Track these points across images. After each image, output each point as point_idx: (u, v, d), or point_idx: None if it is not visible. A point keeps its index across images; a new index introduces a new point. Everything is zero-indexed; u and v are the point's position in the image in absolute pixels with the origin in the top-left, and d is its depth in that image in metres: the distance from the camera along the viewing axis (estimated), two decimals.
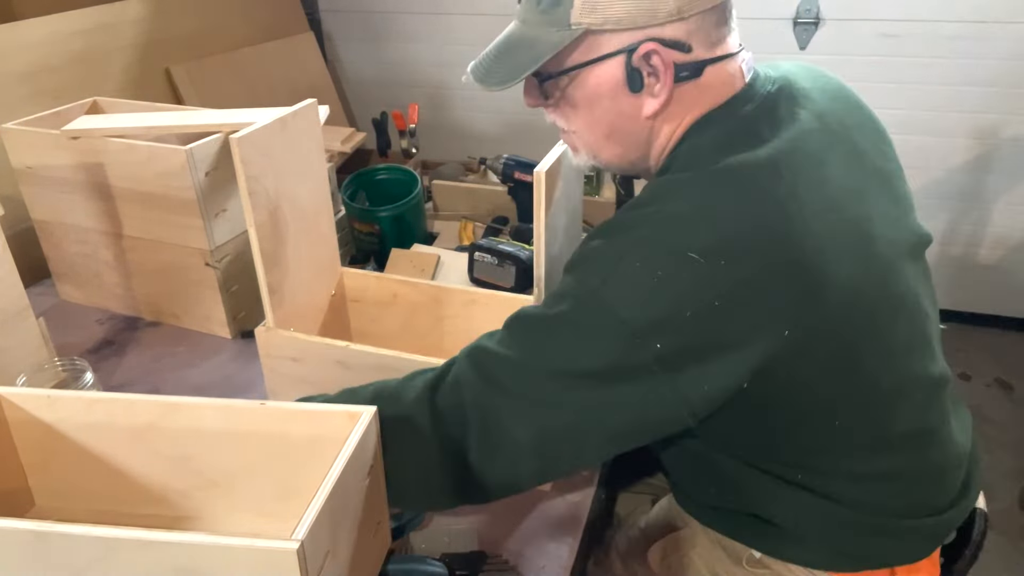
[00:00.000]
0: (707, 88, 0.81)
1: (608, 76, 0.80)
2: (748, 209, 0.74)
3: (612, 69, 0.79)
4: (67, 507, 0.89)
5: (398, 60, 2.53)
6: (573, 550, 0.95)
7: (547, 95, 0.86)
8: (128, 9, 1.87)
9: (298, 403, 0.82)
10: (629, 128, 0.84)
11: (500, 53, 0.86)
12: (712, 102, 0.82)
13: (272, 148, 0.97)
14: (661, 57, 0.77)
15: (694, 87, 0.80)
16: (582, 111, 0.84)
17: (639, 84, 0.79)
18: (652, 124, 0.83)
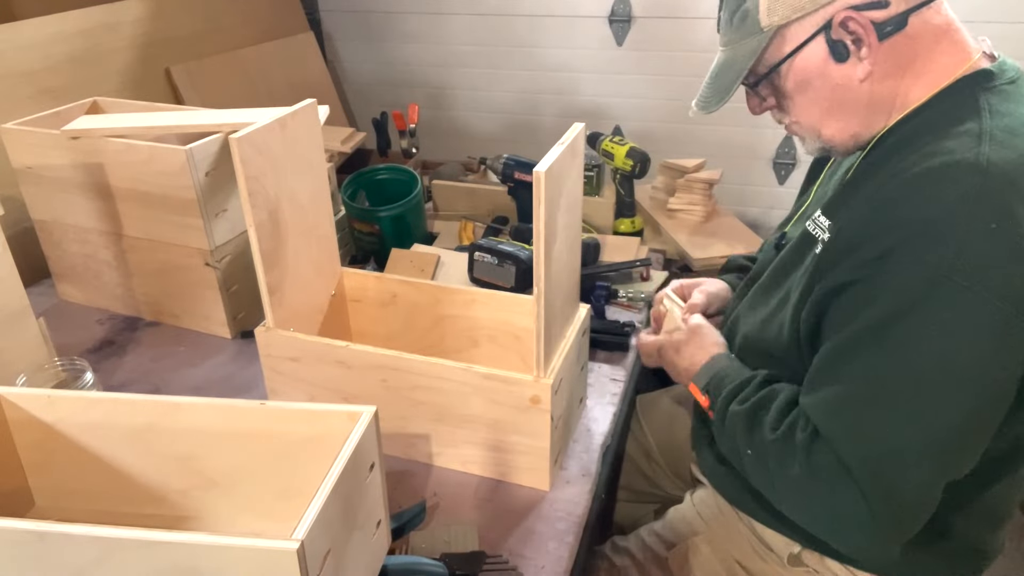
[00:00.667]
0: (919, 39, 0.82)
1: (812, 57, 0.84)
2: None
3: (814, 50, 0.84)
4: (67, 507, 0.89)
5: (398, 60, 2.53)
6: (573, 550, 0.95)
7: (764, 97, 0.93)
8: (128, 9, 1.87)
9: (298, 403, 0.82)
10: (847, 98, 0.86)
11: (712, 80, 0.93)
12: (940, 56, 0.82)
13: (272, 148, 0.97)
14: (857, 20, 0.80)
15: (904, 39, 0.81)
16: (797, 98, 0.89)
17: (844, 53, 0.82)
18: (871, 87, 0.84)
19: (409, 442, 1.06)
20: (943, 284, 0.72)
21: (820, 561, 0.98)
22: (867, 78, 0.83)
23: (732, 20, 0.88)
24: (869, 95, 0.85)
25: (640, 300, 1.45)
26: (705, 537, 1.09)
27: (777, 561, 1.02)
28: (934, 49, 0.83)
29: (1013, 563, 1.86)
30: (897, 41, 0.82)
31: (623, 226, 1.71)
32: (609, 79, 2.33)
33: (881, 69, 0.83)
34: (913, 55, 0.83)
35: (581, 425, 1.16)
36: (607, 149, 1.67)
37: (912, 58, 0.83)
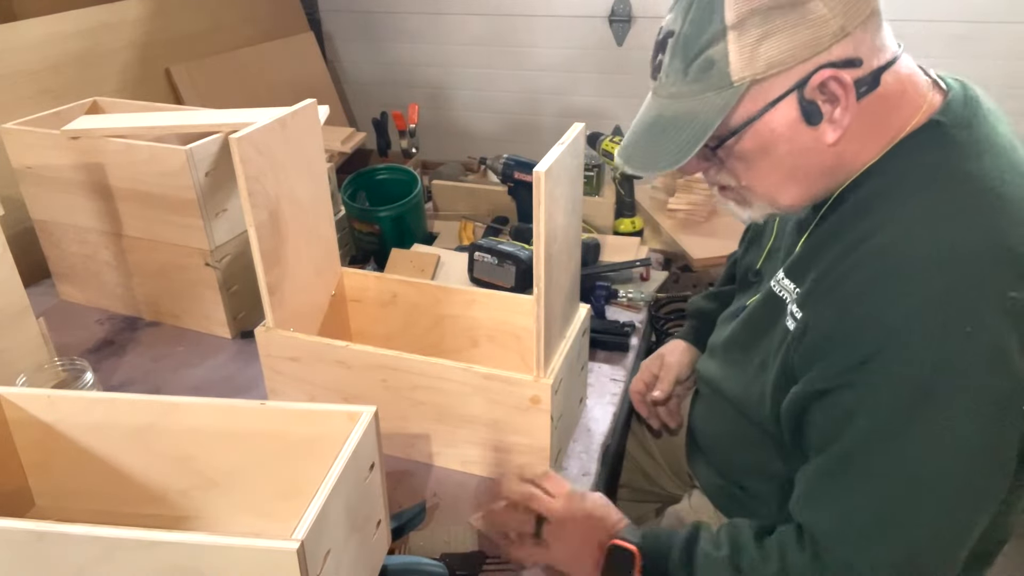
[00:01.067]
0: (887, 97, 0.77)
1: (782, 118, 0.76)
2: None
3: (785, 110, 0.75)
4: (67, 507, 0.89)
5: (398, 60, 2.53)
6: None
7: (711, 159, 0.82)
8: (128, 9, 1.87)
9: (298, 403, 0.82)
10: (812, 163, 0.79)
11: (655, 135, 0.80)
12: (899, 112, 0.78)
13: (272, 148, 0.97)
14: (839, 80, 0.73)
15: (875, 98, 0.76)
16: (756, 162, 0.79)
17: (818, 116, 0.75)
18: (837, 150, 0.78)
19: (409, 442, 1.06)
20: (931, 391, 0.70)
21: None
22: (837, 142, 0.76)
23: (687, 69, 0.76)
24: (835, 158, 0.79)
25: (640, 300, 1.45)
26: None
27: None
28: (898, 105, 0.78)
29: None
30: (870, 101, 0.76)
31: (623, 226, 1.71)
32: (609, 79, 2.33)
33: (851, 131, 0.77)
34: (881, 114, 0.78)
35: (581, 425, 1.16)
36: (607, 149, 1.67)
37: (881, 117, 0.78)
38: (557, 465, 1.05)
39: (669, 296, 1.53)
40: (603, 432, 1.14)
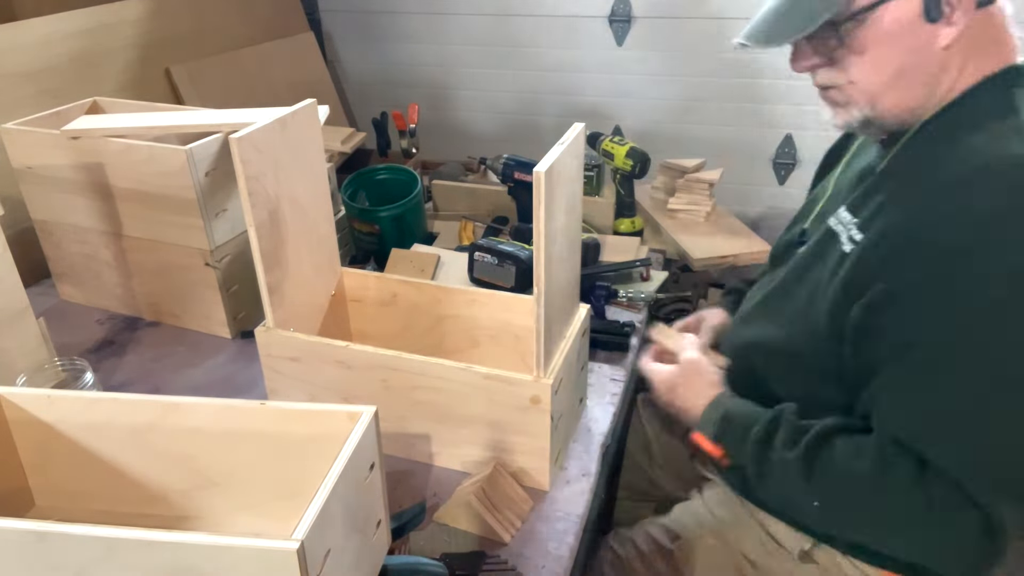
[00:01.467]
0: (993, 22, 0.79)
1: (904, 9, 0.78)
2: None
3: (908, 2, 0.77)
4: (67, 507, 0.89)
5: (398, 60, 2.53)
6: (573, 550, 0.95)
7: (824, 50, 0.83)
8: (128, 9, 1.87)
9: (298, 403, 0.82)
10: (921, 65, 0.80)
11: (783, 14, 0.81)
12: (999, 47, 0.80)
13: (272, 148, 0.97)
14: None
15: (987, 17, 0.79)
16: (870, 55, 0.80)
17: (938, 11, 0.76)
18: (944, 57, 0.80)
19: (409, 442, 1.06)
20: (1017, 285, 0.71)
21: (831, 558, 0.97)
22: (949, 46, 0.79)
23: None
24: (942, 66, 0.80)
25: (640, 300, 1.45)
26: (712, 531, 1.08)
27: (787, 557, 1.01)
28: (999, 37, 0.81)
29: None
30: (984, 16, 0.78)
31: (623, 226, 1.71)
32: (609, 79, 2.33)
33: (963, 41, 0.79)
34: (987, 37, 0.80)
35: (581, 425, 1.16)
36: (607, 149, 1.67)
37: (985, 40, 0.80)
38: (557, 465, 1.05)
39: (669, 296, 1.53)
40: (603, 432, 1.14)
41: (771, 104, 2.13)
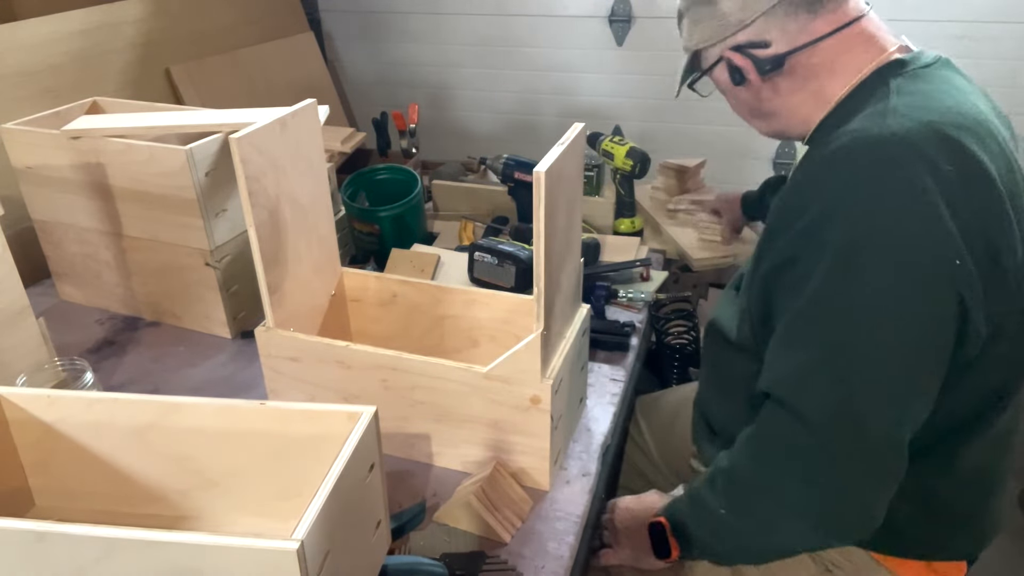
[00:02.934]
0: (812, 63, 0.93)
1: (721, 76, 1.01)
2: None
3: (721, 72, 1.01)
4: (67, 507, 0.89)
5: (398, 60, 2.53)
6: (573, 550, 0.95)
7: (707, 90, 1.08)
8: (128, 9, 1.87)
9: (298, 403, 0.82)
10: (757, 108, 1.01)
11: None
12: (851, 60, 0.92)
13: (272, 148, 0.97)
14: (735, 60, 0.96)
15: (795, 66, 0.94)
16: (728, 99, 1.05)
17: (740, 78, 0.98)
18: (776, 100, 0.98)
19: (409, 442, 1.06)
20: (864, 252, 0.78)
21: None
22: (768, 97, 0.98)
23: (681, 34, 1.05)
24: (775, 108, 0.99)
25: (640, 300, 1.45)
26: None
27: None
28: (839, 59, 0.92)
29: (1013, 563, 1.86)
30: (792, 68, 0.94)
31: (623, 226, 1.71)
32: (609, 79, 2.33)
33: (780, 88, 0.97)
34: (813, 71, 0.94)
35: (581, 425, 1.16)
36: (607, 149, 1.67)
37: (814, 72, 0.94)
38: (557, 465, 1.05)
39: (669, 296, 1.53)
40: (603, 432, 1.14)
41: None
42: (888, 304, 0.78)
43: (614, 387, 1.25)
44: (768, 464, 0.88)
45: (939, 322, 0.79)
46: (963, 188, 0.77)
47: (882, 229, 0.77)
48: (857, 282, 0.79)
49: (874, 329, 0.79)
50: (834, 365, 0.81)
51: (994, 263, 0.79)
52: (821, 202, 0.81)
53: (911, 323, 0.78)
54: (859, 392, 0.80)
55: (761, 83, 0.96)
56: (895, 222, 0.77)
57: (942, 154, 0.77)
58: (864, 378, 0.80)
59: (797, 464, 0.84)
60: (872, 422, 0.81)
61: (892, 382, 0.80)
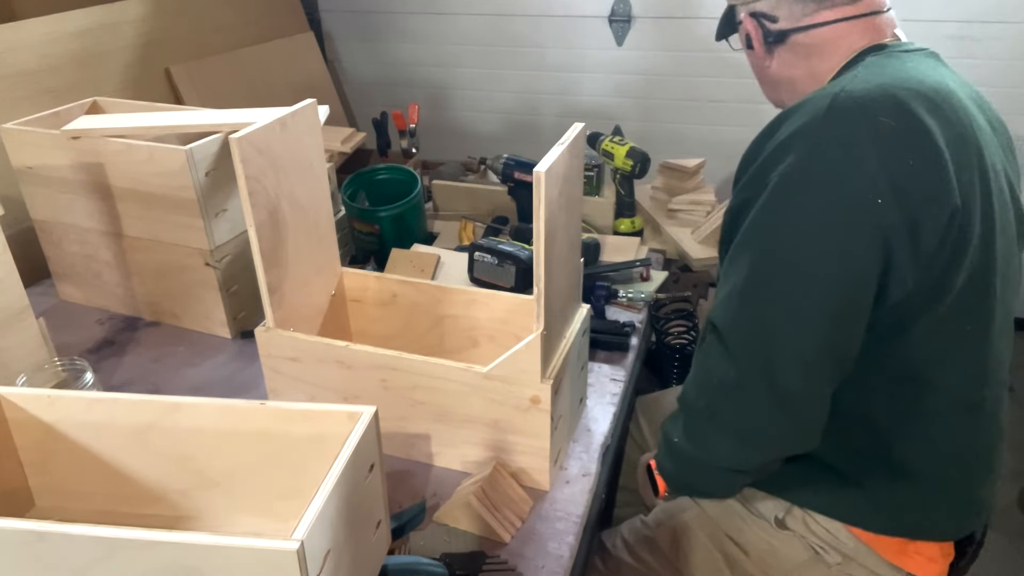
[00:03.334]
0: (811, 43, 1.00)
1: (741, 36, 1.10)
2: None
3: (742, 31, 1.09)
4: (67, 507, 0.89)
5: (398, 60, 2.53)
6: (573, 550, 0.95)
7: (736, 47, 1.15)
8: (128, 9, 1.87)
9: (298, 403, 0.82)
10: (762, 75, 1.10)
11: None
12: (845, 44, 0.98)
13: (272, 148, 0.97)
14: (747, 24, 1.06)
15: (795, 44, 1.02)
16: (749, 62, 1.12)
17: (749, 43, 1.08)
18: (777, 72, 1.06)
19: (409, 442, 1.06)
20: (792, 187, 0.84)
21: (804, 522, 1.02)
22: (769, 67, 1.06)
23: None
24: (775, 77, 1.07)
25: (640, 300, 1.45)
26: (694, 514, 1.11)
27: (765, 526, 1.05)
28: (835, 43, 0.99)
29: (1013, 563, 1.86)
30: (791, 44, 1.02)
31: (623, 226, 1.71)
32: (609, 79, 2.33)
33: (780, 60, 1.04)
34: (809, 50, 1.01)
35: (581, 425, 1.16)
36: (607, 149, 1.67)
37: (810, 52, 1.01)
38: (557, 465, 1.05)
39: (669, 296, 1.53)
40: (603, 432, 1.14)
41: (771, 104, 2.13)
42: (810, 232, 0.83)
43: (614, 387, 1.25)
44: (702, 386, 0.95)
45: (859, 255, 0.83)
46: (900, 142, 0.82)
47: (815, 167, 0.83)
48: (786, 212, 0.85)
49: (796, 254, 0.84)
50: (755, 289, 0.87)
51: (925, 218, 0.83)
52: (771, 147, 0.88)
53: (831, 251, 0.83)
54: (775, 314, 0.85)
55: (764, 52, 1.05)
56: (827, 161, 0.83)
57: (885, 110, 0.83)
58: (781, 304, 0.85)
59: (723, 385, 0.91)
60: (785, 344, 0.85)
61: (808, 309, 0.84)
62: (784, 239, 0.85)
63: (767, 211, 0.86)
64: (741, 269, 0.88)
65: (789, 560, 1.03)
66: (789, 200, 0.85)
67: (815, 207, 0.83)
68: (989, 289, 0.90)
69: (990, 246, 0.89)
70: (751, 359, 0.87)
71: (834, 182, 0.82)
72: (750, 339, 0.88)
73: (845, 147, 0.82)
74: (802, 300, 0.84)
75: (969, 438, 0.96)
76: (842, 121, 0.83)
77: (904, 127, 0.83)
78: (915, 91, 0.86)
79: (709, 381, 0.93)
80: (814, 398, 0.87)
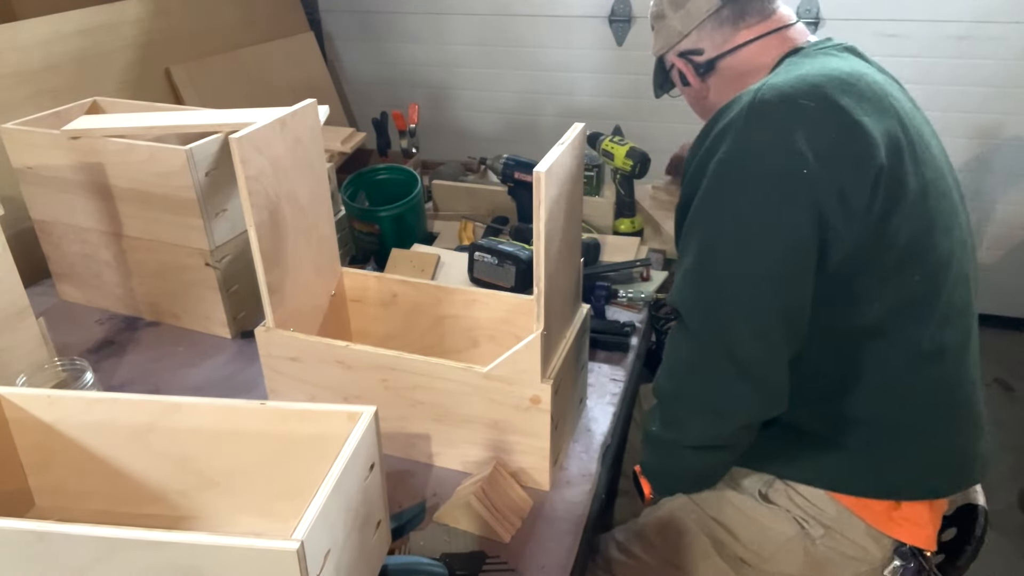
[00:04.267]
0: (738, 63, 1.12)
1: (676, 77, 1.23)
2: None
3: (675, 74, 1.23)
4: (67, 507, 0.89)
5: (398, 60, 2.53)
6: (573, 550, 0.95)
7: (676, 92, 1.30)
8: (128, 9, 1.87)
9: (298, 403, 0.82)
10: (704, 104, 1.21)
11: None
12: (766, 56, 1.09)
13: (272, 148, 0.97)
14: (677, 64, 1.20)
15: (725, 68, 1.14)
16: (684, 97, 1.27)
17: (684, 80, 1.21)
18: (717, 98, 1.15)
19: (409, 442, 1.06)
20: (727, 171, 0.91)
21: (786, 495, 1.04)
22: (707, 95, 1.18)
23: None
24: (715, 103, 1.12)
25: (640, 300, 1.45)
26: (680, 502, 1.12)
27: (750, 502, 1.06)
28: (758, 59, 1.09)
29: (1013, 563, 1.86)
30: (720, 70, 1.14)
31: (623, 226, 1.71)
32: (609, 79, 2.33)
33: (714, 86, 1.16)
34: (737, 71, 1.12)
35: (581, 425, 1.16)
36: (607, 149, 1.67)
37: (738, 72, 1.12)
38: (557, 465, 1.05)
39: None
40: (603, 432, 1.14)
41: None
42: (748, 208, 0.89)
43: (614, 387, 1.25)
44: (670, 370, 0.99)
45: (795, 223, 0.88)
46: (820, 119, 0.89)
47: (746, 149, 0.90)
48: (724, 192, 0.91)
49: (738, 230, 0.90)
50: (704, 267, 0.92)
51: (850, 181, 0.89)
52: (708, 143, 0.95)
53: (769, 223, 0.88)
54: (725, 288, 0.90)
55: (700, 83, 1.17)
56: (755, 144, 0.90)
57: (803, 94, 0.90)
58: (729, 277, 0.90)
59: (687, 364, 0.96)
60: (737, 314, 0.90)
61: (755, 278, 0.89)
62: (726, 218, 0.91)
63: (708, 195, 0.92)
64: (690, 251, 0.94)
65: (777, 536, 1.04)
66: (726, 182, 0.91)
67: (750, 184, 0.89)
68: (931, 241, 0.94)
69: (927, 202, 0.94)
70: (708, 333, 0.92)
71: (763, 160, 0.89)
72: (705, 314, 0.92)
73: (771, 129, 0.89)
74: (748, 271, 0.89)
75: (935, 385, 0.98)
76: (766, 108, 0.90)
77: (821, 105, 0.90)
78: (828, 76, 0.93)
79: (676, 363, 0.98)
80: (773, 362, 0.91)
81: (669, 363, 1.00)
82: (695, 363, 0.95)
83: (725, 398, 0.93)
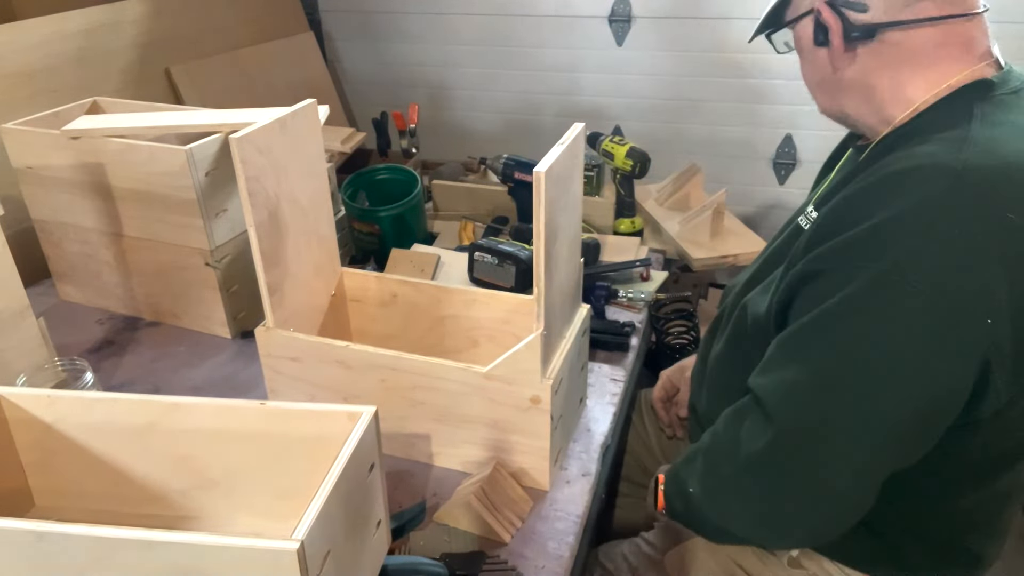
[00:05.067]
0: (902, 48, 0.83)
1: (804, 31, 0.90)
2: None
3: (806, 26, 0.90)
4: (67, 507, 0.89)
5: (398, 60, 2.53)
6: (573, 550, 0.95)
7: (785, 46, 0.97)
8: (128, 9, 1.87)
9: (298, 403, 0.82)
10: (828, 79, 0.91)
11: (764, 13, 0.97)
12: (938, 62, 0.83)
13: (272, 148, 0.97)
14: (827, 15, 0.86)
15: (882, 46, 0.84)
16: (802, 60, 0.95)
17: (824, 38, 0.87)
18: (849, 77, 0.88)
19: (409, 442, 1.06)
20: (894, 285, 0.73)
21: (819, 564, 0.98)
22: (840, 69, 0.88)
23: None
24: (848, 83, 0.88)
25: (640, 300, 1.45)
26: (703, 540, 1.08)
27: (777, 564, 1.01)
28: (932, 53, 0.83)
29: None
30: (882, 43, 0.84)
31: (623, 226, 1.71)
32: (609, 79, 2.33)
33: (861, 62, 0.86)
34: (901, 56, 0.84)
35: (581, 425, 1.16)
36: (607, 149, 1.67)
37: (902, 58, 0.84)
38: (557, 465, 1.05)
39: (669, 296, 1.53)
40: (603, 432, 1.14)
41: (771, 104, 2.13)
42: (899, 343, 0.73)
43: (614, 387, 1.24)
44: (730, 454, 0.87)
45: (950, 376, 0.74)
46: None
47: (922, 271, 0.71)
48: (874, 316, 0.74)
49: (877, 364, 0.75)
50: (821, 390, 0.79)
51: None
52: (869, 222, 0.75)
53: (919, 369, 0.74)
54: (838, 419, 0.78)
55: (843, 50, 0.86)
56: (938, 269, 0.71)
57: (1012, 201, 0.72)
58: (848, 411, 0.77)
59: (759, 467, 0.84)
60: (843, 449, 0.78)
61: (878, 421, 0.76)
62: (867, 346, 0.75)
63: (851, 307, 0.75)
64: (809, 361, 0.79)
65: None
66: (881, 303, 0.74)
67: (912, 318, 0.72)
68: None
69: None
70: (800, 453, 0.80)
71: (943, 294, 0.71)
72: (804, 436, 0.80)
73: (963, 254, 0.70)
74: (873, 412, 0.76)
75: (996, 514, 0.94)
76: (963, 216, 0.71)
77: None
78: None
79: (738, 451, 0.86)
80: (861, 500, 0.81)
81: (732, 442, 0.87)
82: (768, 466, 0.83)
83: (788, 517, 0.84)
